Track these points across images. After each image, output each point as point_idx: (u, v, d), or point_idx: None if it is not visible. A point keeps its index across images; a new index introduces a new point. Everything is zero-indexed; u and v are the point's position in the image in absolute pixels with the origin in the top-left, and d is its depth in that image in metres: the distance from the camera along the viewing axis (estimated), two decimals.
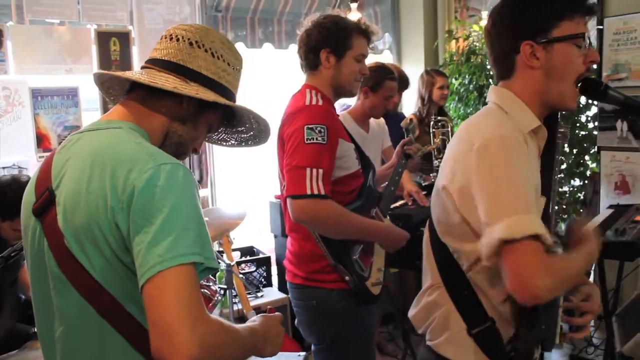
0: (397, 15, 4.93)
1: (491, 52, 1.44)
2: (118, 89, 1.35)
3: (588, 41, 1.36)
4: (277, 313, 1.32)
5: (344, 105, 3.04)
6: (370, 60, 4.35)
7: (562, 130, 1.45)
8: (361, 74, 2.19)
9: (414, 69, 4.38)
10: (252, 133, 1.43)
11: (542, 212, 1.34)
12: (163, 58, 1.25)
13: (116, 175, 1.06)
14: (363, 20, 2.22)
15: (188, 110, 1.24)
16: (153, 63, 1.26)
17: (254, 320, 1.24)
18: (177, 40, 1.25)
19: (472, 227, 1.29)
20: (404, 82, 3.65)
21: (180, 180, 1.07)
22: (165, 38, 1.27)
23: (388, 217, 2.35)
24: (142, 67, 1.28)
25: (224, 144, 1.50)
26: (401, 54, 4.96)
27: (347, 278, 2.09)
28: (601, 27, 3.89)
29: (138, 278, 1.01)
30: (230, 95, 1.30)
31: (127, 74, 1.23)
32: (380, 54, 5.09)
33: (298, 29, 2.20)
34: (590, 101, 4.16)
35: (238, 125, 1.42)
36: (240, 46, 4.35)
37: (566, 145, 4.43)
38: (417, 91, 4.08)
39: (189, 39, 1.25)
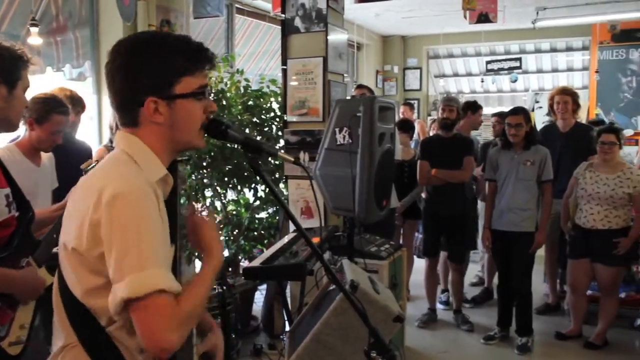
0: (97, 43, 4.78)
1: (114, 95, 1.37)
2: None
3: (207, 91, 1.40)
4: None
5: (17, 137, 2.79)
6: (72, 87, 4.11)
7: (180, 173, 1.50)
8: (26, 106, 2.06)
9: None
10: None
11: (171, 259, 1.35)
12: None
13: None
14: (26, 51, 2.03)
15: None
16: None
17: None
18: None
19: (105, 283, 1.24)
20: (78, 103, 3.50)
21: None
22: None
23: (44, 267, 2.13)
24: None
25: None
26: (100, 82, 4.80)
27: None
28: (285, 67, 4.29)
29: None
30: None
31: None
32: (85, 81, 4.87)
33: None
34: (280, 132, 4.55)
35: None
36: None
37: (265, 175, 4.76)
38: (109, 121, 4.00)
39: None
